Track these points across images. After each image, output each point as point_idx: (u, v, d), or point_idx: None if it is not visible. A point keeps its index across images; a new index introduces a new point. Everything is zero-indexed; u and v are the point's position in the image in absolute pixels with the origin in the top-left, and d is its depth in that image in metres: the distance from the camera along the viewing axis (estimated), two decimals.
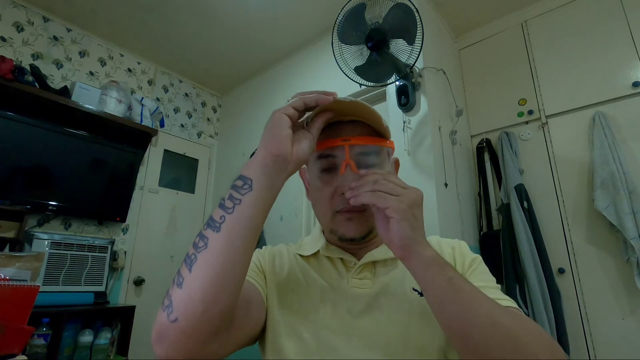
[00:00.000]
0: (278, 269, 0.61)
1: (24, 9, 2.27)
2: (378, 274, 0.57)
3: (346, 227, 0.54)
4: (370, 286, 0.55)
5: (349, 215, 0.54)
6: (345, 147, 0.52)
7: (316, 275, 0.58)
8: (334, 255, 0.59)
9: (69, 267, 2.04)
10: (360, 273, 0.57)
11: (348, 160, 0.52)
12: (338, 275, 0.58)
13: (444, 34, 2.30)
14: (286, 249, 0.66)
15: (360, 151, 0.54)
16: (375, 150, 0.55)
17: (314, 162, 0.57)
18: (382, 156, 0.56)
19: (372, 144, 0.54)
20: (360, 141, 0.53)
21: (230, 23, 2.45)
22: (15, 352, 0.96)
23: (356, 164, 0.52)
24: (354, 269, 0.57)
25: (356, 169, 0.51)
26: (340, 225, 0.55)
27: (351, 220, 0.54)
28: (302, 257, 0.62)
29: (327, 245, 0.60)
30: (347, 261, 0.58)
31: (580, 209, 1.80)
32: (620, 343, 1.58)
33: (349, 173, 0.51)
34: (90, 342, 1.96)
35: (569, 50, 2.00)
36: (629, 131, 1.74)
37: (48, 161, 2.13)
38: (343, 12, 1.58)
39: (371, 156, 0.54)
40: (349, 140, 0.52)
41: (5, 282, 0.96)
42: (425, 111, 1.80)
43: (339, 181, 0.53)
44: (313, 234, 0.66)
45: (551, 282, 1.71)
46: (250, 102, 3.07)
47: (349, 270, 0.58)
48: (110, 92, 2.38)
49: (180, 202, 2.92)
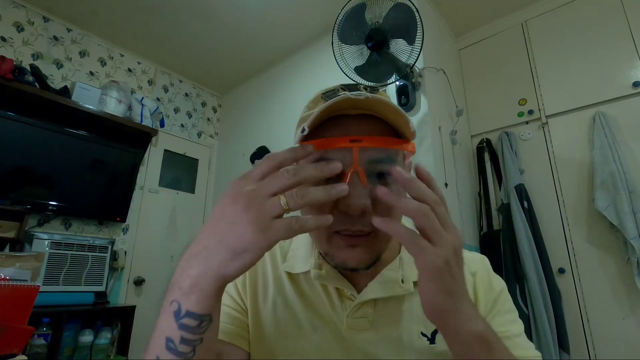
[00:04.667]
0: (261, 298, 0.52)
1: (24, 9, 2.27)
2: (379, 313, 0.47)
3: (347, 255, 0.43)
4: (368, 327, 0.47)
5: (353, 242, 0.42)
6: (353, 150, 0.39)
7: (305, 310, 0.49)
8: (328, 283, 0.49)
9: (69, 267, 2.04)
10: (358, 311, 0.48)
11: (356, 167, 0.39)
12: (332, 310, 0.48)
13: (444, 34, 2.30)
14: (271, 265, 0.55)
15: (373, 157, 0.41)
16: (392, 155, 0.42)
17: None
18: (399, 163, 0.44)
19: (391, 147, 0.41)
20: (374, 143, 0.39)
21: (230, 23, 2.45)
22: (15, 352, 0.96)
23: (366, 173, 0.39)
24: (351, 307, 0.48)
25: (365, 180, 0.39)
26: (339, 251, 0.43)
27: (354, 248, 0.42)
28: (289, 276, 0.52)
29: (320, 265, 0.50)
30: (344, 292, 0.49)
31: (581, 209, 1.80)
32: (620, 343, 1.58)
33: (356, 184, 0.39)
34: (90, 342, 1.96)
35: (569, 50, 2.00)
36: (629, 131, 1.74)
37: (48, 161, 2.13)
38: (343, 12, 1.58)
39: (386, 163, 0.41)
40: (360, 141, 0.39)
41: (5, 282, 0.96)
42: (426, 111, 1.80)
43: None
44: (305, 240, 0.55)
45: (551, 282, 1.71)
46: (250, 102, 3.07)
47: (344, 303, 0.48)
48: (110, 92, 2.38)
49: (180, 202, 2.92)
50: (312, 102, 0.47)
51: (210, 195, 3.15)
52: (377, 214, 0.39)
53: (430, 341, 0.45)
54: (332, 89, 0.46)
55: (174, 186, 2.92)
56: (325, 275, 0.49)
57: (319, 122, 0.41)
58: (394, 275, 0.49)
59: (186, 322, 0.32)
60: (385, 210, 0.41)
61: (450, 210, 0.38)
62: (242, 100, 3.19)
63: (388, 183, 0.41)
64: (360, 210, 0.39)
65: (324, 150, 0.40)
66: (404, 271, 0.49)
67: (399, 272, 0.49)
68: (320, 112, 0.39)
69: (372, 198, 0.40)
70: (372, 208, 0.40)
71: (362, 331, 0.46)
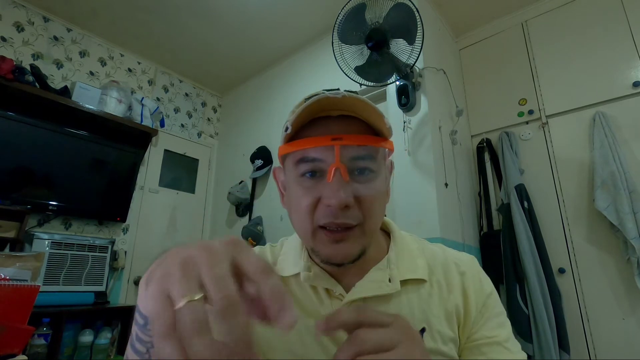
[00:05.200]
0: None
1: (24, 9, 2.27)
2: None
3: (332, 250, 0.44)
4: None
5: (337, 237, 0.43)
6: (335, 147, 0.42)
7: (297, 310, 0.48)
8: (317, 284, 0.50)
9: (69, 267, 2.04)
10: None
11: (338, 164, 0.42)
12: (322, 310, 0.49)
13: (444, 34, 2.30)
14: None
15: (354, 154, 0.44)
16: (372, 152, 0.45)
17: (292, 165, 0.47)
18: (379, 160, 0.46)
19: (370, 144, 0.44)
20: (354, 141, 0.43)
21: (230, 23, 2.45)
22: (15, 352, 0.96)
23: (347, 169, 0.42)
24: (340, 305, 0.48)
25: (347, 176, 0.42)
26: (324, 246, 0.45)
27: (339, 242, 0.44)
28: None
29: (309, 267, 0.51)
30: (333, 292, 0.49)
31: (581, 209, 1.80)
32: (620, 343, 1.58)
33: (338, 180, 0.42)
34: (90, 342, 1.96)
35: (569, 50, 2.00)
36: (629, 131, 1.74)
37: (48, 161, 2.13)
38: (343, 12, 1.58)
39: (366, 160, 0.44)
40: (341, 139, 0.42)
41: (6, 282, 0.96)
42: (426, 111, 1.80)
43: (325, 190, 0.43)
44: (294, 243, 0.56)
45: (551, 282, 1.71)
46: (250, 102, 3.07)
47: (333, 302, 0.49)
48: (110, 92, 2.38)
49: (180, 202, 2.92)
50: (297, 106, 0.49)
51: (210, 195, 3.15)
52: (359, 208, 0.43)
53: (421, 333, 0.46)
54: (315, 94, 0.48)
55: (174, 186, 2.92)
56: (314, 277, 0.50)
57: (302, 123, 0.44)
58: (382, 274, 0.49)
59: (137, 317, 0.31)
60: (367, 204, 0.44)
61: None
62: (242, 100, 3.20)
63: (368, 179, 0.45)
64: (343, 205, 0.41)
65: (305, 149, 0.43)
66: (391, 271, 0.50)
67: (387, 272, 0.50)
68: (302, 112, 0.42)
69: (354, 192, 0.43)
70: (355, 202, 0.43)
71: None
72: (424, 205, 1.69)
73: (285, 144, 0.45)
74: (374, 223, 0.46)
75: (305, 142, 0.43)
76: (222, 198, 2.86)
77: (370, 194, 0.44)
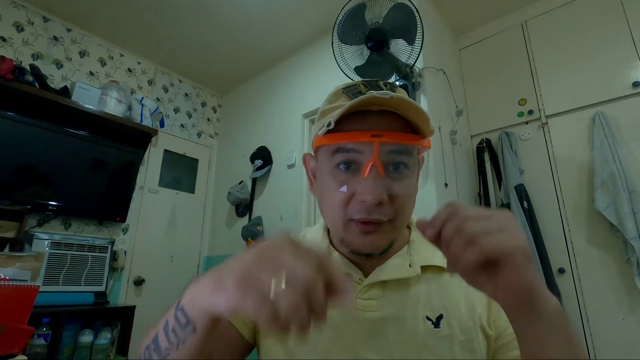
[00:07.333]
0: None
1: (24, 9, 2.27)
2: (387, 296, 0.49)
3: (362, 241, 0.45)
4: (376, 309, 0.48)
5: (368, 229, 0.44)
6: (374, 144, 0.42)
7: None
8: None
9: (69, 267, 2.04)
10: (366, 293, 0.49)
11: (375, 160, 0.42)
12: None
13: (444, 34, 2.30)
14: None
15: (391, 150, 0.44)
16: (409, 150, 0.46)
17: (327, 155, 0.47)
18: (414, 157, 0.47)
19: (409, 142, 0.44)
20: (394, 138, 0.43)
21: (230, 23, 2.45)
22: (15, 352, 0.96)
23: (382, 164, 0.43)
24: (359, 288, 0.49)
25: (383, 172, 0.43)
26: (354, 238, 0.46)
27: (369, 234, 0.44)
28: None
29: (329, 253, 0.52)
30: (353, 277, 0.51)
31: (580, 209, 1.80)
32: (620, 343, 1.58)
33: (374, 177, 0.42)
34: (90, 342, 1.96)
35: (569, 51, 2.00)
36: (629, 131, 1.74)
37: (48, 161, 2.13)
38: (343, 12, 1.58)
39: (402, 156, 0.45)
40: (381, 136, 0.42)
41: (5, 282, 0.96)
42: (425, 111, 1.80)
43: (360, 185, 0.43)
44: (316, 233, 0.58)
45: (551, 282, 1.71)
46: (250, 102, 3.07)
47: (353, 287, 0.49)
48: (110, 92, 2.38)
49: (180, 202, 2.92)
50: (333, 95, 0.50)
51: (210, 195, 3.15)
52: (392, 205, 0.44)
53: (435, 325, 0.46)
54: (352, 85, 0.49)
55: (173, 186, 2.92)
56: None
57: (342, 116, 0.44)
58: (402, 260, 0.51)
59: (179, 315, 0.35)
60: (400, 201, 0.44)
61: None
62: (242, 100, 3.20)
63: (403, 174, 0.45)
64: (377, 202, 0.42)
65: (344, 142, 0.44)
66: (412, 257, 0.51)
67: (407, 258, 0.51)
68: (346, 109, 0.42)
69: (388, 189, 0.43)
70: (388, 199, 0.43)
71: (369, 312, 0.48)
72: (423, 205, 1.69)
73: (324, 135, 0.45)
74: (405, 219, 0.47)
75: (345, 136, 0.44)
76: (222, 198, 2.86)
77: (404, 192, 0.45)
